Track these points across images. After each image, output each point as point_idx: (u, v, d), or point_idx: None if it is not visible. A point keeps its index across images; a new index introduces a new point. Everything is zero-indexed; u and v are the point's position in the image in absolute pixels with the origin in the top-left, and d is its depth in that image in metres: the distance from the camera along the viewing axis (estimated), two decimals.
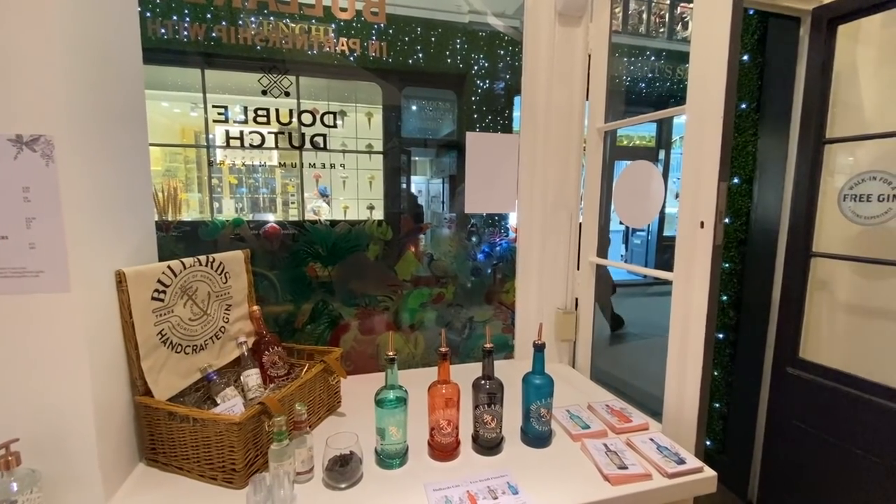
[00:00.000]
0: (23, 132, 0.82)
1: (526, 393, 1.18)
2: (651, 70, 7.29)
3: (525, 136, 1.67)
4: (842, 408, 1.77)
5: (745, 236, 2.27)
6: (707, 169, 1.16)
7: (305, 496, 0.97)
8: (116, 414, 1.00)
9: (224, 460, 1.00)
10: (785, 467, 2.02)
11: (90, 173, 0.93)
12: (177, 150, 4.46)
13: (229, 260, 1.32)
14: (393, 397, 1.08)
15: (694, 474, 1.06)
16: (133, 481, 1.03)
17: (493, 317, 1.88)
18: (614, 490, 1.00)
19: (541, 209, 1.70)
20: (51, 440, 0.89)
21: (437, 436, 1.11)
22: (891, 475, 1.62)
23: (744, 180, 2.26)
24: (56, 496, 0.90)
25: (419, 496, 0.97)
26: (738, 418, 2.29)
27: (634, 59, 7.31)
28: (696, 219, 1.20)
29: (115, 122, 1.04)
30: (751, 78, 2.21)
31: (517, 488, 0.99)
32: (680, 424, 1.26)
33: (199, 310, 1.21)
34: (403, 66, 1.95)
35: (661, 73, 7.29)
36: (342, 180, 3.50)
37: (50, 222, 0.84)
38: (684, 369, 1.24)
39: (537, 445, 1.17)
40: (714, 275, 1.18)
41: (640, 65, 7.33)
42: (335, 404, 1.37)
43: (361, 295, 1.67)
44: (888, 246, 1.75)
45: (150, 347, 1.05)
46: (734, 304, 2.32)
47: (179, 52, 1.56)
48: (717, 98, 1.12)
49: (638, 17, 7.83)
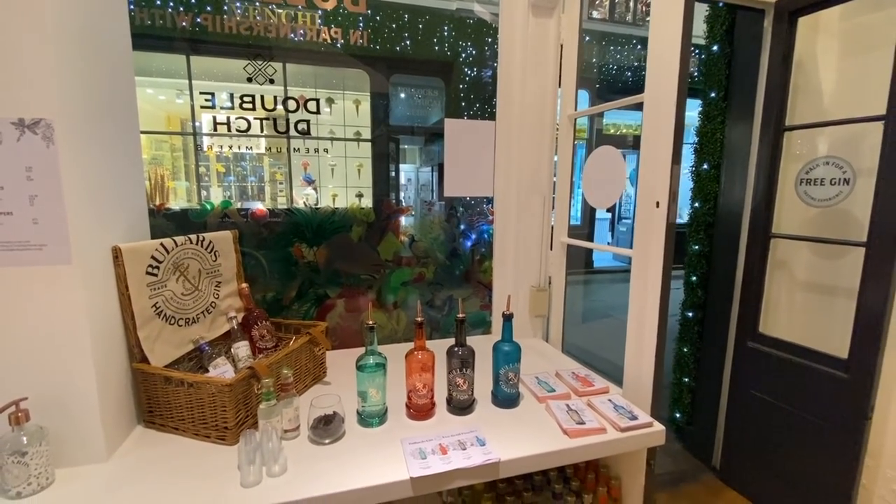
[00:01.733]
0: (25, 116, 0.88)
1: (496, 359, 1.28)
2: (638, 59, 7.36)
3: (501, 123, 1.76)
4: (793, 376, 1.91)
5: (713, 220, 2.39)
6: (662, 153, 1.26)
7: (292, 450, 1.06)
8: (115, 379, 1.09)
9: (217, 419, 1.09)
10: (743, 434, 2.17)
11: (87, 154, 1.00)
12: (163, 137, 4.45)
13: (218, 239, 1.39)
14: (373, 363, 1.18)
15: (644, 428, 1.18)
16: (133, 440, 1.12)
17: (472, 295, 1.98)
18: (571, 442, 1.12)
19: (516, 193, 1.79)
20: (56, 400, 0.97)
21: (414, 398, 1.22)
22: (833, 435, 1.77)
23: (713, 166, 2.37)
24: (63, 452, 0.99)
25: (396, 449, 1.08)
26: (704, 391, 2.44)
27: (622, 48, 7.36)
28: (653, 199, 1.30)
29: (108, 106, 1.10)
30: (720, 68, 2.31)
31: (485, 441, 1.10)
32: (638, 388, 1.37)
33: (190, 285, 1.29)
34: (391, 54, 1.99)
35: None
36: (330, 168, 3.54)
37: (51, 199, 0.91)
38: (642, 337, 1.36)
39: (506, 406, 1.29)
40: (668, 250, 1.28)
41: (626, 53, 7.39)
42: (321, 374, 1.46)
43: (346, 274, 1.76)
44: (841, 227, 1.88)
45: (145, 318, 1.14)
46: (702, 283, 2.45)
47: (165, 38, 1.60)
48: (670, 86, 1.21)
49: (625, 6, 7.87)
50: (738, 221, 2.22)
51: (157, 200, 1.77)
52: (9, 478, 0.91)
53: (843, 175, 1.83)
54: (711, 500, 2.18)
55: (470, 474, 1.02)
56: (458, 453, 1.04)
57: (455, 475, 1.00)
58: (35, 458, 0.92)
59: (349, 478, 0.96)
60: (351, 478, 0.96)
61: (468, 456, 1.03)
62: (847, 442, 1.72)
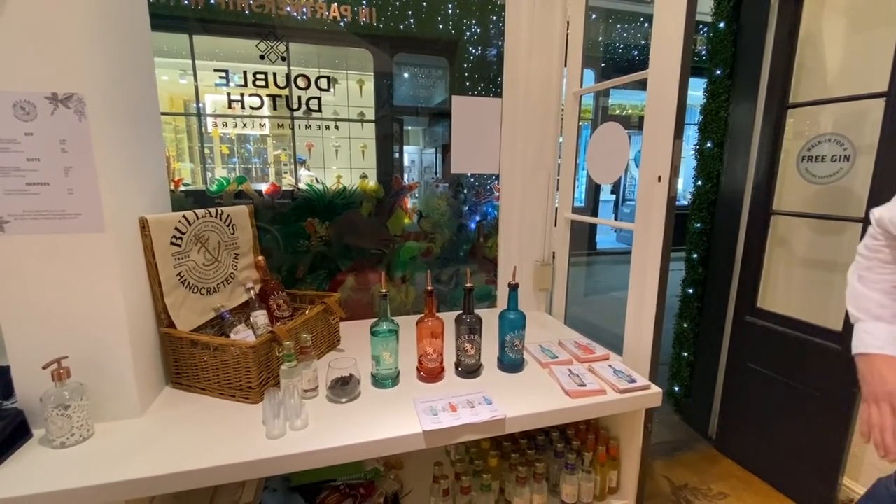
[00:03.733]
0: (58, 90, 0.93)
1: (501, 327, 1.35)
2: (644, 37, 7.25)
3: (507, 100, 1.79)
4: (790, 349, 1.97)
5: (716, 197, 2.42)
6: (664, 127, 1.29)
7: (312, 407, 1.14)
8: (145, 341, 1.16)
9: (241, 380, 1.17)
10: (740, 405, 2.25)
11: (115, 128, 1.05)
12: (166, 119, 4.46)
13: (235, 213, 1.45)
14: (386, 328, 1.25)
15: (642, 391, 1.25)
16: (163, 399, 1.20)
17: (478, 270, 2.04)
18: (573, 402, 1.19)
19: (521, 169, 1.83)
20: (94, 360, 1.05)
21: (425, 362, 1.29)
22: (827, 405, 1.84)
23: (716, 144, 2.39)
24: (101, 408, 1.07)
25: (409, 407, 1.15)
26: (703, 365, 2.51)
27: (628, 26, 7.25)
28: (655, 173, 1.34)
29: (132, 83, 1.15)
30: (726, 45, 2.31)
31: (491, 400, 1.17)
32: (637, 355, 1.44)
33: (211, 256, 1.36)
34: (395, 32, 1.99)
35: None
36: (334, 149, 3.56)
37: (85, 171, 0.97)
38: (642, 307, 1.42)
39: (511, 371, 1.36)
40: (668, 223, 1.33)
41: (632, 31, 7.28)
42: (335, 342, 1.54)
43: (356, 248, 1.82)
44: (840, 204, 1.91)
45: (171, 286, 1.20)
46: (703, 261, 2.50)
47: (174, 18, 1.62)
48: (674, 61, 1.24)
49: None
50: (740, 199, 2.25)
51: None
52: (53, 429, 0.99)
53: (844, 152, 1.86)
54: (707, 467, 2.28)
55: (478, 429, 1.09)
56: (467, 410, 1.12)
57: (464, 430, 1.08)
58: (77, 411, 1.00)
59: (367, 431, 1.04)
60: (369, 431, 1.04)
61: (476, 413, 1.11)
62: (839, 412, 1.79)
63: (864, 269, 0.94)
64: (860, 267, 0.95)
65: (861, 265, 0.95)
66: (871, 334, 0.89)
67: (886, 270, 0.91)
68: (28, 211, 0.96)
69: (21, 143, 0.93)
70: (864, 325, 0.91)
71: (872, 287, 0.91)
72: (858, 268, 0.96)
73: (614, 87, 1.71)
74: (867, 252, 0.95)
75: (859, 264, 0.96)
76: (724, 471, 2.25)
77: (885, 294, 0.89)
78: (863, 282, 0.93)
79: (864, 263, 0.95)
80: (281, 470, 0.97)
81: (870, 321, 0.90)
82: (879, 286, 0.90)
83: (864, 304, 0.91)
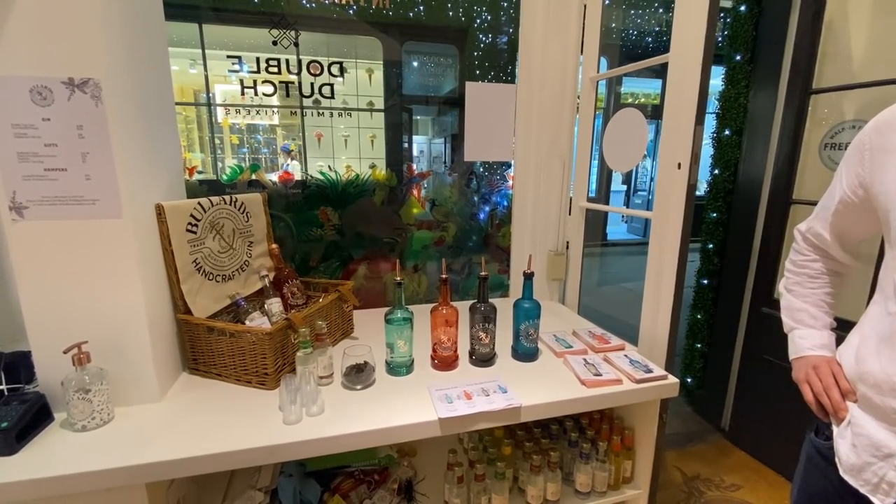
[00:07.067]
0: (74, 75, 0.93)
1: (516, 316, 1.34)
2: (659, 23, 7.10)
3: (522, 87, 1.76)
4: None
5: (733, 186, 2.37)
6: (685, 113, 1.26)
7: (327, 393, 1.14)
8: (163, 328, 1.17)
9: (258, 366, 1.17)
10: (753, 396, 2.23)
11: (131, 114, 1.05)
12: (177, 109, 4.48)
13: (250, 201, 1.45)
14: (400, 316, 1.24)
15: (658, 381, 1.23)
16: (180, 384, 1.21)
17: (491, 259, 2.03)
18: (588, 391, 1.18)
19: (535, 157, 1.81)
20: (114, 345, 1.06)
21: (439, 350, 1.28)
22: None
23: (734, 132, 2.34)
24: (120, 392, 1.08)
25: (423, 395, 1.15)
26: (717, 356, 2.49)
27: (643, 11, 7.09)
28: (675, 160, 1.31)
29: (146, 69, 1.14)
30: (746, 29, 2.24)
31: (506, 388, 1.16)
32: (653, 345, 1.42)
33: (225, 244, 1.36)
34: (404, 20, 1.97)
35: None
36: (343, 139, 3.55)
37: (102, 156, 0.97)
38: (658, 296, 1.40)
39: (526, 360, 1.35)
40: (688, 211, 1.30)
41: (647, 17, 7.13)
42: (349, 329, 1.54)
43: (369, 237, 1.82)
44: None
45: (187, 273, 1.21)
46: (719, 251, 2.46)
47: (185, 6, 1.61)
48: (697, 44, 1.21)
49: None
50: (759, 188, 2.20)
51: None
52: (75, 412, 1.00)
53: None
54: (719, 458, 2.26)
55: (493, 417, 1.09)
56: (482, 398, 1.11)
57: (479, 417, 1.07)
58: (97, 395, 1.01)
59: (383, 418, 1.04)
60: (384, 418, 1.04)
61: (491, 401, 1.10)
62: None
63: (794, 283, 0.98)
64: (790, 282, 0.99)
65: (790, 280, 0.99)
66: (805, 339, 0.93)
67: (814, 284, 0.95)
68: (46, 197, 0.96)
69: (39, 129, 0.93)
70: (798, 332, 0.95)
71: (804, 300, 0.95)
72: (788, 283, 1.00)
73: (633, 71, 1.67)
74: (794, 268, 0.99)
75: (788, 279, 1.00)
76: (737, 462, 2.23)
77: (816, 307, 0.94)
78: (794, 295, 0.97)
79: (792, 279, 0.99)
80: (298, 455, 0.97)
81: (803, 328, 0.95)
82: (809, 300, 0.95)
83: (798, 315, 0.96)
